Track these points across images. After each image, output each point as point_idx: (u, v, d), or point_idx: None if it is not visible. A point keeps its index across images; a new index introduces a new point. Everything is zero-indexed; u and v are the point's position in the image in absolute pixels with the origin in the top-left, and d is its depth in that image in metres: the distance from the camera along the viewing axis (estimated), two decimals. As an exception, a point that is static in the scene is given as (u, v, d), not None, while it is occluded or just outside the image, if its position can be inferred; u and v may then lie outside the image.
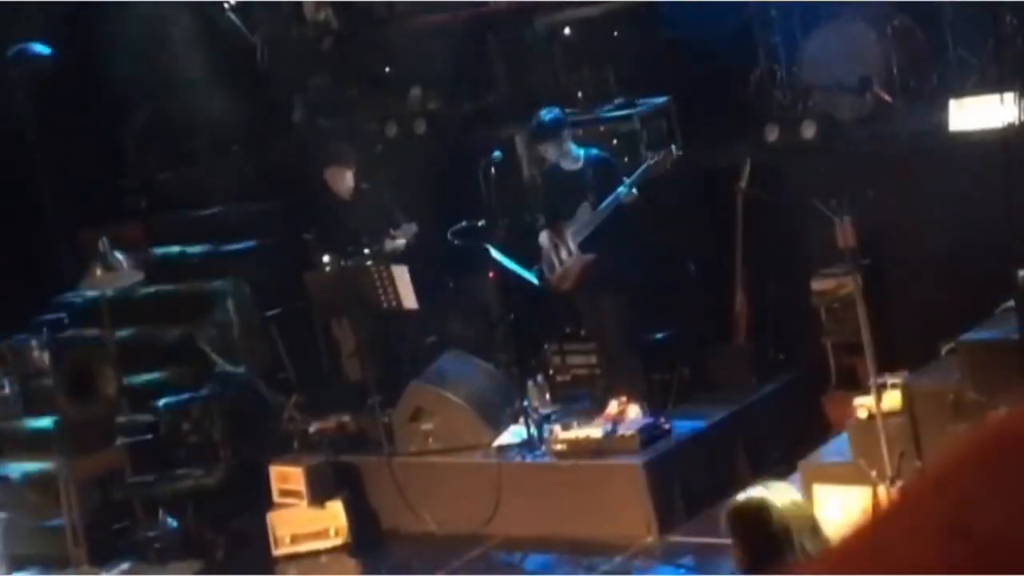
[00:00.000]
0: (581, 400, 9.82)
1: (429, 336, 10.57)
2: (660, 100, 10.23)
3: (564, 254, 9.25)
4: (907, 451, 7.42)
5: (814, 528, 4.21)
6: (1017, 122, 7.83)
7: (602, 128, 10.17)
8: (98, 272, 10.05)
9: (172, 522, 9.72)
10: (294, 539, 9.50)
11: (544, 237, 9.34)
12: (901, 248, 9.03)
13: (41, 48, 11.63)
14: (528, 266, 9.53)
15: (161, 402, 10.17)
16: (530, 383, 9.36)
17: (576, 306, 9.70)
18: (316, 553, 9.47)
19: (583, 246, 9.17)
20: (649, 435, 8.86)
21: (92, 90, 12.31)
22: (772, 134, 9.86)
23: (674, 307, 9.79)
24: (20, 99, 11.71)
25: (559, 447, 8.99)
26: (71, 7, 11.89)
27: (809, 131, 9.75)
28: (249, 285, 11.46)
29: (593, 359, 9.95)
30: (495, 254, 9.52)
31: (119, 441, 9.96)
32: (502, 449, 9.30)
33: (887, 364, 7.83)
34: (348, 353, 10.41)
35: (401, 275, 9.54)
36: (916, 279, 9.01)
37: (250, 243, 11.86)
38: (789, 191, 9.22)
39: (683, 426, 9.13)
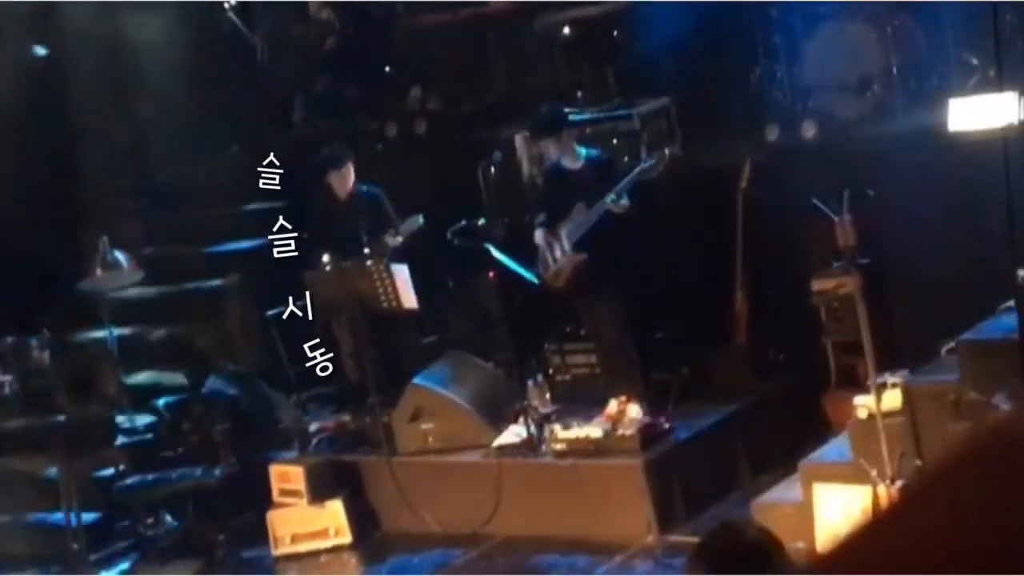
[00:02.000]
0: (581, 400, 9.81)
1: (429, 336, 10.57)
2: (660, 100, 10.24)
3: (558, 253, 9.25)
4: (907, 450, 7.42)
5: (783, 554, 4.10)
6: (1017, 122, 7.83)
7: (602, 128, 10.17)
8: (98, 272, 10.05)
9: (172, 521, 9.72)
10: (294, 539, 9.51)
11: (540, 235, 9.33)
12: (901, 248, 9.03)
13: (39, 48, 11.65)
14: (528, 266, 9.53)
15: (161, 402, 10.17)
16: (530, 383, 9.36)
17: (574, 306, 9.69)
18: (316, 553, 9.47)
19: (578, 246, 9.16)
20: (649, 435, 8.86)
21: (91, 91, 12.31)
22: (772, 134, 9.87)
23: (674, 307, 9.79)
24: (21, 98, 11.72)
25: (559, 447, 9.00)
26: (70, 6, 11.89)
27: (809, 131, 9.76)
28: (249, 285, 11.46)
29: (593, 359, 9.95)
30: (495, 254, 9.52)
31: (119, 441, 9.96)
32: (502, 449, 9.30)
33: (887, 363, 7.83)
34: (348, 353, 10.41)
35: (401, 274, 9.53)
36: (916, 279, 9.01)
37: (250, 243, 11.86)
38: (789, 191, 9.22)
39: (683, 426, 9.13)
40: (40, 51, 12.29)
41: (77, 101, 12.25)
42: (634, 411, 9.04)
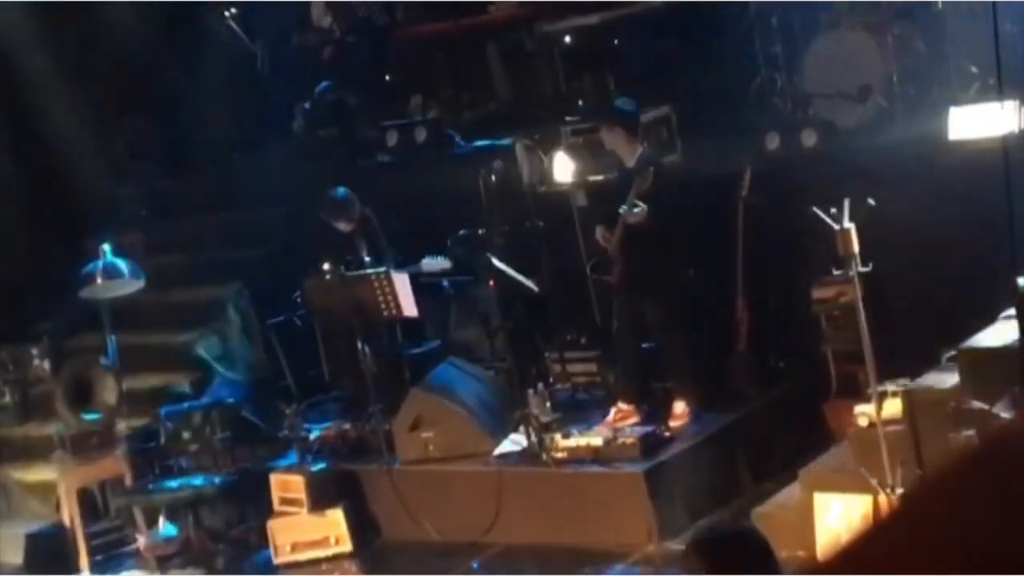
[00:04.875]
0: (582, 408, 9.81)
1: (429, 344, 10.57)
2: (661, 108, 10.24)
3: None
4: (907, 459, 7.42)
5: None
6: (1017, 130, 7.84)
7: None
8: (99, 280, 10.06)
9: (172, 530, 9.71)
10: (294, 547, 9.50)
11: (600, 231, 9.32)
12: (901, 256, 9.02)
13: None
14: (528, 274, 9.54)
15: (162, 410, 10.17)
16: (530, 391, 9.35)
17: (614, 307, 9.61)
18: (316, 561, 9.46)
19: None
20: (650, 443, 8.86)
21: (92, 96, 12.33)
22: (773, 142, 9.87)
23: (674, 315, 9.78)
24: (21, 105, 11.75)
25: (559, 455, 8.99)
26: (71, 11, 11.91)
27: (810, 139, 9.76)
28: (249, 293, 11.47)
29: (594, 367, 9.95)
30: (495, 262, 9.52)
31: (119, 449, 9.96)
32: (502, 457, 9.30)
33: (887, 372, 7.83)
34: (348, 361, 10.40)
35: (401, 282, 9.54)
36: (916, 287, 9.01)
37: (251, 251, 11.87)
38: (790, 199, 9.22)
39: (684, 434, 9.12)
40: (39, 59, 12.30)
41: (78, 108, 12.26)
42: (680, 407, 9.06)
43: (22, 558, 10.10)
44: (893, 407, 7.62)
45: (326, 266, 9.92)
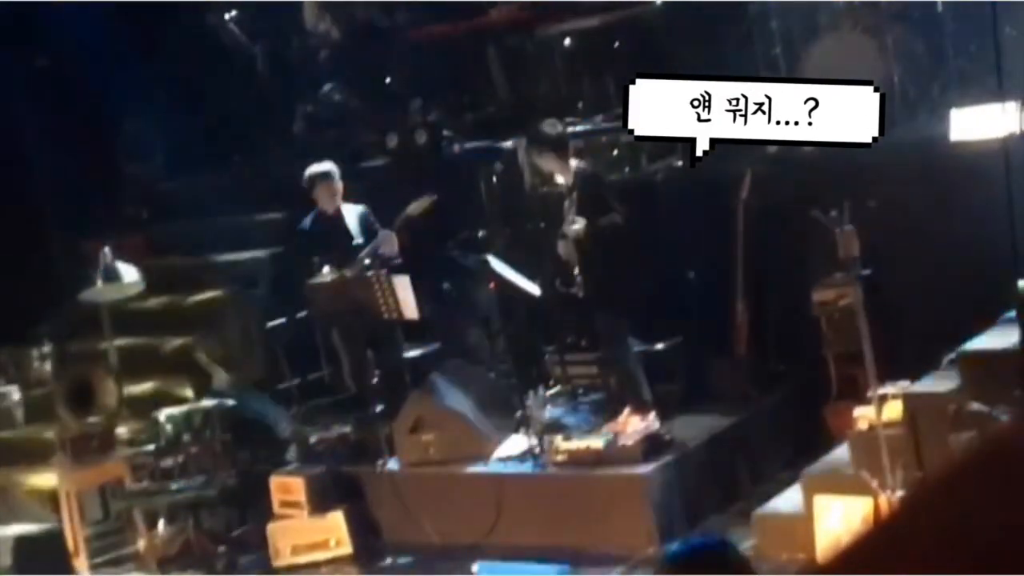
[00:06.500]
0: (582, 410, 9.82)
1: (430, 346, 10.57)
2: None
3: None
4: (908, 461, 7.41)
5: None
6: (1018, 131, 7.83)
7: (603, 139, 10.17)
8: (99, 283, 10.06)
9: (172, 533, 9.71)
10: (294, 550, 9.49)
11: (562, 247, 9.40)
12: (902, 258, 9.03)
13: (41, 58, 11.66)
14: (529, 276, 9.54)
15: (162, 413, 10.17)
16: (531, 393, 9.35)
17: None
18: (316, 564, 9.46)
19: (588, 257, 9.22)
20: (650, 446, 8.86)
21: (92, 99, 12.33)
22: (773, 144, 9.86)
23: (674, 318, 9.78)
24: (21, 108, 11.74)
25: (560, 457, 8.99)
26: (71, 13, 11.91)
27: (810, 142, 9.75)
28: (250, 296, 11.47)
29: (594, 369, 9.95)
30: (496, 264, 9.52)
31: (120, 451, 9.96)
32: (503, 460, 9.30)
33: (888, 374, 7.83)
34: (348, 363, 10.40)
35: (402, 285, 9.54)
36: (917, 289, 9.00)
37: (251, 253, 11.87)
38: (790, 202, 9.21)
39: (684, 437, 9.12)
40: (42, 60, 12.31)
41: (79, 110, 12.26)
42: (635, 422, 9.03)
43: (21, 561, 10.09)
44: (893, 410, 7.62)
45: (326, 269, 9.92)
